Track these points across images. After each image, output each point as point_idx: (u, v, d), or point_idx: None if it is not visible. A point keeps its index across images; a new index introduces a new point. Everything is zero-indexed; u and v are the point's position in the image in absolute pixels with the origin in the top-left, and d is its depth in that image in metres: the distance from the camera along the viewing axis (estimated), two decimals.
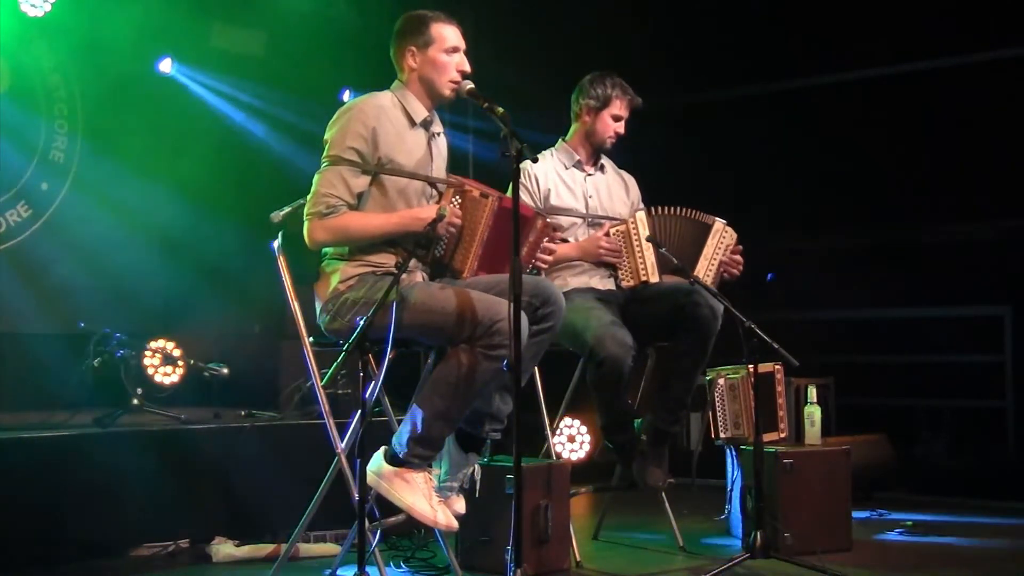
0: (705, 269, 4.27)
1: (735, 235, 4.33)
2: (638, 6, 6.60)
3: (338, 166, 3.50)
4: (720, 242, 4.30)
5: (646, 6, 6.62)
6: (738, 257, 4.34)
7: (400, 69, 3.68)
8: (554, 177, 4.39)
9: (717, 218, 4.32)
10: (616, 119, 4.40)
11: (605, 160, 4.54)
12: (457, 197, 3.56)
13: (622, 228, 4.30)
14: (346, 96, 6.66)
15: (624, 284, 4.31)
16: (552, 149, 4.49)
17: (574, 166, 4.45)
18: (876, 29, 6.48)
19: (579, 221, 4.39)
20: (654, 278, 4.26)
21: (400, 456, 3.42)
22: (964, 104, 6.27)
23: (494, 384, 3.47)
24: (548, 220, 3.85)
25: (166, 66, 6.36)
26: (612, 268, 4.33)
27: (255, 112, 6.68)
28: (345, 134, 3.51)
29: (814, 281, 6.59)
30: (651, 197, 4.51)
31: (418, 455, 3.41)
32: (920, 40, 6.36)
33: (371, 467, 3.43)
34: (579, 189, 4.43)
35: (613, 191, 4.50)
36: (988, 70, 6.29)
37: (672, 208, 4.32)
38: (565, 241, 4.33)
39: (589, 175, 4.47)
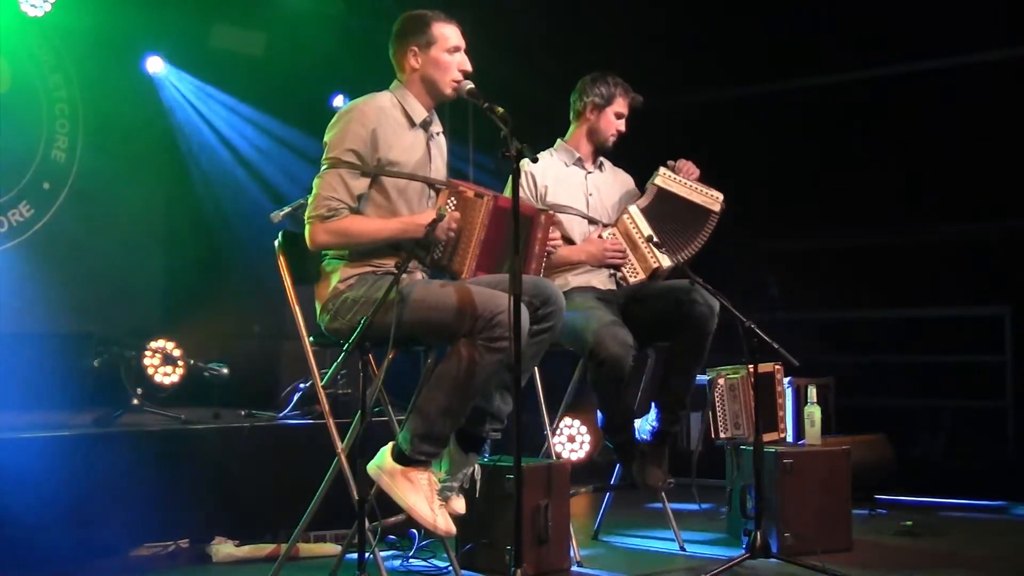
0: (702, 198, 4.33)
1: (665, 166, 4.38)
2: (631, 5, 6.60)
3: (338, 168, 3.50)
4: (678, 179, 4.36)
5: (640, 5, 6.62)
6: (683, 162, 4.39)
7: (400, 69, 3.68)
8: (553, 174, 4.38)
9: (653, 177, 4.37)
10: (619, 116, 4.42)
11: (603, 158, 4.55)
12: (452, 199, 3.57)
13: (612, 228, 4.32)
14: (338, 101, 6.67)
15: (633, 279, 4.31)
16: (551, 149, 4.49)
17: (575, 164, 4.45)
18: (877, 28, 6.47)
19: (578, 220, 4.38)
20: (667, 263, 4.27)
21: (406, 453, 3.41)
22: (965, 104, 6.26)
23: (495, 382, 3.47)
24: (550, 212, 3.88)
25: (155, 65, 6.34)
26: (615, 267, 4.34)
27: (254, 110, 6.68)
28: (345, 136, 3.51)
29: (814, 281, 6.58)
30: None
31: (423, 452, 3.41)
32: (920, 39, 6.36)
33: (375, 462, 3.43)
34: (580, 187, 4.42)
35: (613, 189, 4.51)
36: (989, 70, 6.29)
37: (640, 200, 4.37)
38: (571, 241, 4.34)
39: (590, 173, 4.47)
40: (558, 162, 4.43)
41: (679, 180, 4.36)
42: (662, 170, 4.38)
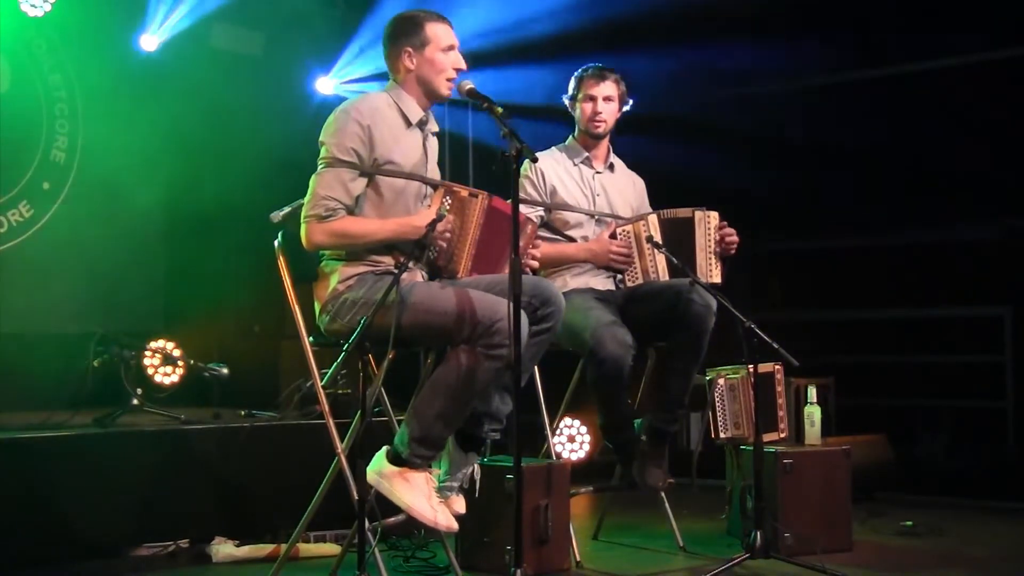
0: (706, 262, 4.26)
1: (715, 213, 4.29)
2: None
3: (336, 168, 3.49)
4: (707, 229, 4.27)
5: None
6: (728, 230, 4.30)
7: (395, 71, 3.67)
8: (561, 173, 4.38)
9: (695, 208, 4.29)
10: (590, 99, 4.36)
11: (616, 160, 4.54)
12: (447, 198, 3.56)
13: (628, 228, 4.29)
14: (320, 84, 6.67)
15: (630, 283, 4.29)
16: (562, 145, 4.48)
17: (583, 163, 4.44)
18: (878, 26, 6.47)
19: (586, 219, 4.38)
20: (664, 279, 4.25)
21: (402, 456, 3.42)
22: (964, 103, 6.26)
23: (494, 384, 3.47)
24: (535, 222, 3.93)
25: (148, 43, 6.31)
26: (617, 271, 4.32)
27: (254, 108, 6.67)
28: (343, 136, 3.50)
29: (814, 281, 6.58)
30: (660, 199, 4.51)
31: (420, 455, 3.41)
32: (922, 38, 6.35)
33: (372, 466, 3.43)
34: (587, 186, 4.41)
35: (621, 191, 4.49)
36: (988, 69, 6.28)
37: (667, 211, 4.33)
38: (572, 240, 4.33)
39: (598, 172, 4.46)
40: (566, 159, 4.43)
41: (709, 234, 4.25)
42: (711, 214, 4.27)
